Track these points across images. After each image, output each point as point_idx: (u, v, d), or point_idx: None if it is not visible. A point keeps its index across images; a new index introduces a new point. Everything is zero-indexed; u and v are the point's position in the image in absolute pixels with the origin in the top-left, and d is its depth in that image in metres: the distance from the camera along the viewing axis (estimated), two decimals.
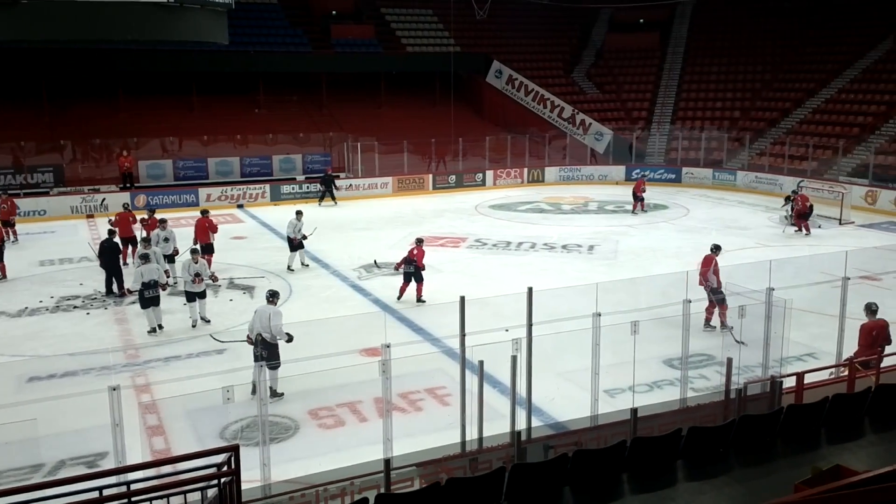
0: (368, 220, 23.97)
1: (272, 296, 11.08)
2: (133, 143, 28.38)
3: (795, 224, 21.35)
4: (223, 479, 5.69)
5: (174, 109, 31.32)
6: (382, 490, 6.03)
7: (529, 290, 8.19)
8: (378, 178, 29.56)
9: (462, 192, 29.82)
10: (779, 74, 34.79)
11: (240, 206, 26.86)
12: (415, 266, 14.73)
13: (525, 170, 32.03)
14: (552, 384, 9.85)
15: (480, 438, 7.43)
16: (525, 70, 36.82)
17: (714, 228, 22.16)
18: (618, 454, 5.86)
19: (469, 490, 5.47)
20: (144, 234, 16.79)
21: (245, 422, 9.19)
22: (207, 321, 13.64)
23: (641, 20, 39.13)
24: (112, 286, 15.48)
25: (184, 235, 18.28)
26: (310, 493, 6.17)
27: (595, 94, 37.04)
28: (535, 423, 8.68)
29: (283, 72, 34.15)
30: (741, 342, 10.14)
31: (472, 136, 32.22)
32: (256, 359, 10.36)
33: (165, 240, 16.26)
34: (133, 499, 5.33)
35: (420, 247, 15.05)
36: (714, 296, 12.53)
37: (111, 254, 15.64)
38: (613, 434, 6.92)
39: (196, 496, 5.62)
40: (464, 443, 7.44)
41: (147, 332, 13.24)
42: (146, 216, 18.25)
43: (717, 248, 13.66)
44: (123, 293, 15.19)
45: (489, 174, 31.35)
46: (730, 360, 8.18)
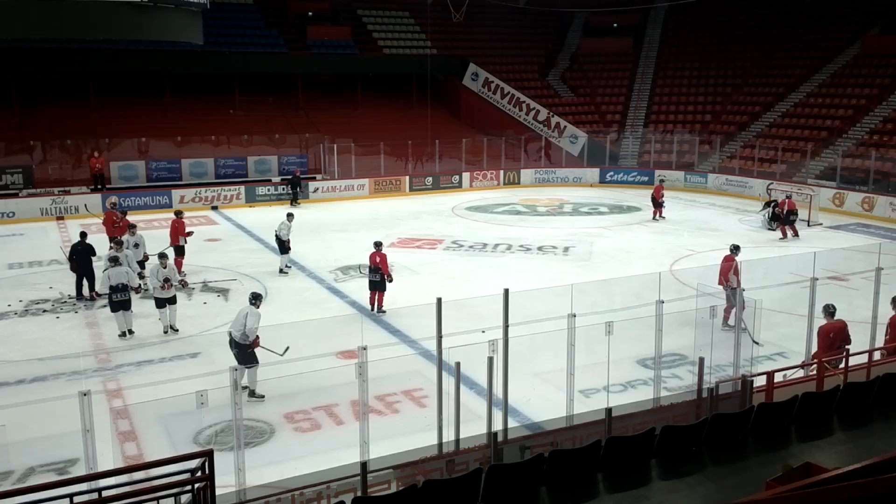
0: (345, 222, 23.90)
1: (255, 298, 10.99)
2: (105, 144, 28.02)
3: (782, 230, 21.18)
4: (197, 485, 5.65)
5: (147, 110, 30.95)
6: (359, 493, 6.03)
7: (506, 292, 8.23)
8: (355, 180, 29.50)
9: (439, 194, 29.86)
10: (749, 79, 35.30)
11: (214, 208, 26.64)
12: (381, 275, 14.08)
13: (501, 172, 32.16)
14: (528, 385, 9.90)
15: (457, 440, 7.45)
16: (501, 73, 36.98)
17: (686, 230, 22.42)
18: (593, 454, 5.90)
19: (446, 492, 5.48)
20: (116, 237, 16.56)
21: (219, 426, 9.11)
22: (176, 330, 13.23)
23: (615, 24, 39.50)
24: (83, 289, 15.27)
25: (157, 238, 18.11)
26: (285, 498, 6.14)
27: (570, 98, 37.29)
28: (512, 424, 8.72)
29: (259, 72, 33.96)
30: (757, 342, 10.39)
31: (449, 139, 32.29)
32: (236, 359, 10.31)
33: (136, 245, 15.81)
34: None
35: (380, 251, 14.23)
36: (733, 296, 12.59)
37: (84, 256, 15.41)
38: (588, 434, 6.97)
39: (169, 502, 5.57)
40: (440, 444, 7.46)
41: (118, 336, 13.08)
42: (116, 218, 18.01)
43: (737, 249, 13.60)
44: (93, 296, 15.00)
45: (466, 176, 31.42)
46: (702, 360, 8.29)
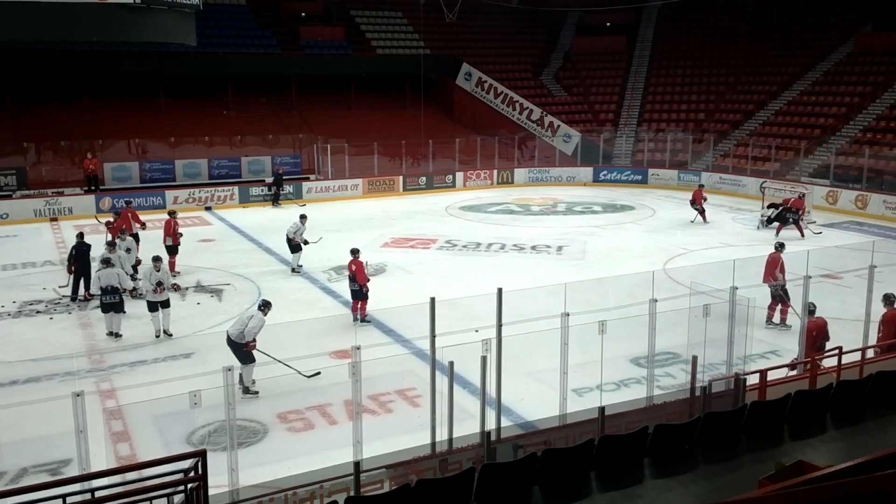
0: (339, 222, 23.87)
1: (265, 305, 11.05)
2: (98, 146, 27.94)
3: (778, 227, 21.15)
4: (190, 485, 5.62)
5: (141, 111, 30.92)
6: (352, 493, 6.02)
7: (499, 291, 8.23)
8: (348, 180, 29.49)
9: (432, 194, 29.86)
10: (742, 77, 35.38)
11: (207, 209, 26.60)
12: (358, 284, 13.56)
13: (495, 171, 32.17)
14: (521, 384, 9.91)
15: (450, 439, 7.45)
16: (494, 73, 36.99)
17: (680, 229, 22.47)
18: (586, 453, 5.91)
19: (439, 491, 5.48)
20: (109, 238, 16.50)
21: (213, 426, 9.09)
22: (170, 335, 13.08)
23: (608, 24, 39.54)
24: (79, 290, 15.22)
25: (151, 239, 18.09)
26: (278, 498, 6.13)
27: (563, 97, 37.32)
28: (505, 423, 8.72)
29: (252, 73, 33.92)
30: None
31: (443, 138, 32.28)
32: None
33: (127, 250, 15.61)
34: None
35: (356, 259, 13.74)
36: (780, 294, 12.61)
37: (85, 256, 15.31)
38: (581, 433, 6.98)
39: (162, 503, 5.55)
40: (434, 444, 7.45)
41: (105, 334, 13.04)
42: (111, 219, 17.98)
43: (782, 246, 13.60)
44: (87, 297, 14.96)
45: (459, 176, 31.43)
46: (695, 359, 8.30)
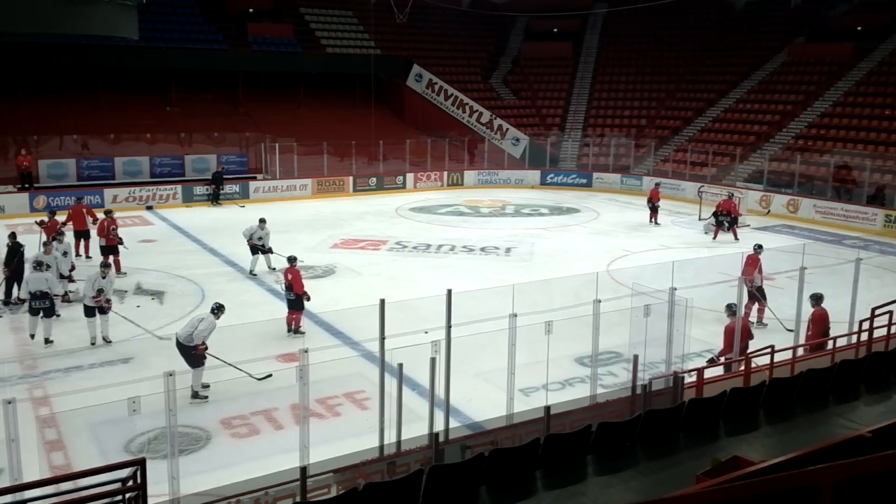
0: (287, 223, 23.59)
1: (218, 308, 10.89)
2: (33, 142, 27.01)
3: (715, 232, 21.70)
4: (128, 495, 5.51)
5: (79, 106, 29.96)
6: (298, 499, 5.97)
7: (448, 293, 8.29)
8: (297, 180, 29.17)
9: (383, 195, 29.78)
10: (682, 85, 36.31)
11: (149, 208, 25.98)
12: (295, 294, 13.04)
13: (445, 173, 32.28)
14: (470, 385, 9.98)
15: (399, 442, 7.46)
16: (444, 75, 37.11)
17: (622, 231, 22.94)
18: (532, 452, 5.99)
19: (386, 494, 5.49)
20: (45, 239, 15.93)
21: (152, 434, 8.90)
22: (109, 342, 12.58)
23: (555, 29, 40.07)
24: (13, 292, 14.69)
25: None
26: None
27: (511, 100, 37.68)
28: (453, 425, 8.79)
29: (197, 69, 33.14)
30: (790, 329, 11.02)
31: (393, 139, 32.23)
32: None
33: (64, 253, 14.95)
34: None
35: (293, 268, 13.24)
36: (756, 293, 12.91)
37: (19, 259, 14.73)
38: (528, 432, 7.08)
39: None
40: (382, 447, 7.46)
41: (30, 338, 12.59)
42: (45, 218, 17.41)
43: (760, 248, 13.85)
44: (18, 301, 14.35)
45: (410, 177, 31.43)
46: (636, 357, 8.51)
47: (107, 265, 13.07)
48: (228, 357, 10.65)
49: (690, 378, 8.58)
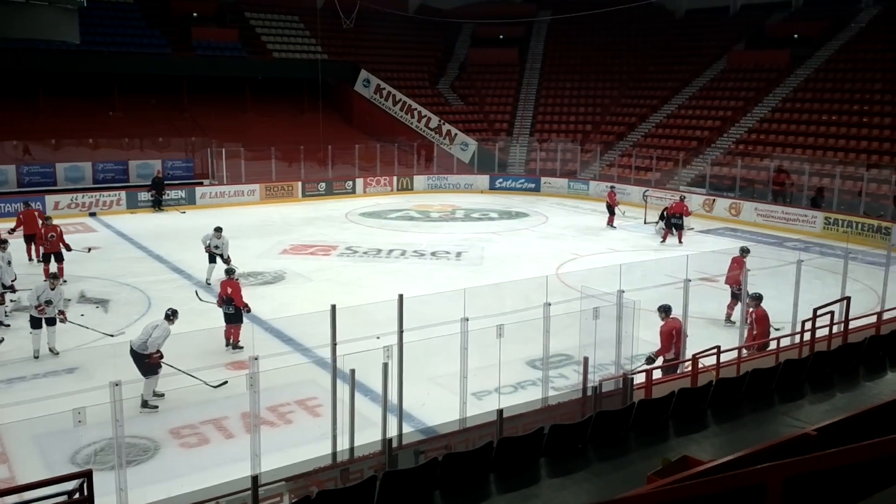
0: (234, 228, 23.13)
1: (172, 314, 10.68)
2: None
3: (664, 234, 22.09)
4: None
5: (18, 111, 29.06)
6: None
7: (400, 297, 8.27)
8: (245, 185, 28.75)
9: (332, 200, 29.58)
10: (626, 91, 37.06)
11: (92, 215, 25.29)
12: (234, 307, 12.50)
13: (394, 178, 32.24)
14: (423, 390, 9.97)
15: (352, 448, 7.41)
16: (392, 80, 37.09)
17: (571, 235, 23.25)
18: (485, 455, 6.01)
19: (340, 501, 5.45)
20: None
21: (99, 445, 8.67)
22: (56, 353, 12.08)
23: (501, 36, 40.46)
24: None
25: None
26: None
27: (459, 106, 37.89)
28: (407, 430, 8.75)
29: (141, 73, 32.51)
30: (778, 328, 11.26)
31: (342, 144, 32.04)
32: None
33: (9, 263, 14.23)
34: None
35: (232, 280, 12.78)
36: (739, 295, 12.97)
37: None
38: (481, 436, 7.11)
39: None
40: (335, 454, 7.40)
41: None
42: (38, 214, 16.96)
43: (746, 251, 13.94)
44: None
45: (359, 182, 31.29)
46: (586, 360, 8.61)
47: (55, 276, 12.56)
48: (177, 365, 10.42)
49: (639, 379, 8.73)
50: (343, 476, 6.67)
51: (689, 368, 9.30)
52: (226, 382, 10.38)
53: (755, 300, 11.26)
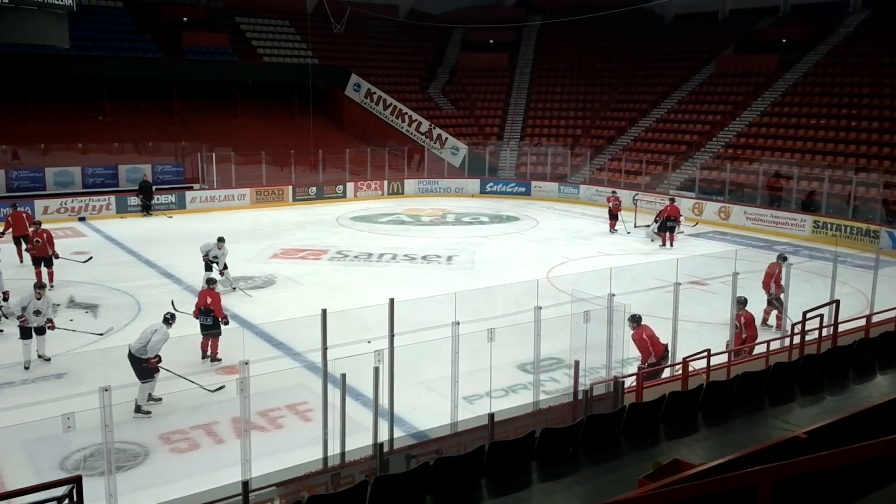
0: (225, 233, 22.95)
1: (171, 318, 10.78)
2: None
3: (662, 237, 22.10)
4: None
5: (7, 116, 28.85)
6: None
7: (391, 301, 8.27)
8: (235, 190, 28.68)
9: (323, 204, 29.55)
10: (615, 95, 37.20)
11: (81, 219, 25.16)
12: (213, 317, 12.11)
13: (385, 182, 32.23)
14: (414, 394, 9.96)
15: (343, 453, 7.39)
16: (383, 84, 37.11)
17: (561, 239, 23.30)
18: (476, 459, 6.01)
19: None
20: None
21: (88, 450, 8.61)
22: (47, 359, 11.96)
23: (491, 41, 40.53)
24: None
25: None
26: None
27: (450, 110, 37.94)
28: (398, 434, 8.74)
29: (131, 78, 32.37)
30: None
31: (332, 148, 32.02)
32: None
33: None
34: None
35: (212, 289, 12.46)
36: (775, 301, 12.94)
37: None
38: (472, 440, 7.11)
39: None
40: (326, 458, 7.38)
41: None
42: (26, 216, 16.84)
43: (784, 258, 13.75)
44: None
45: (350, 186, 31.27)
46: (577, 363, 8.62)
47: (41, 285, 12.41)
48: (165, 370, 10.38)
49: (630, 382, 8.74)
50: (334, 481, 6.65)
51: (680, 372, 9.32)
52: (223, 387, 10.34)
53: (741, 304, 11.30)
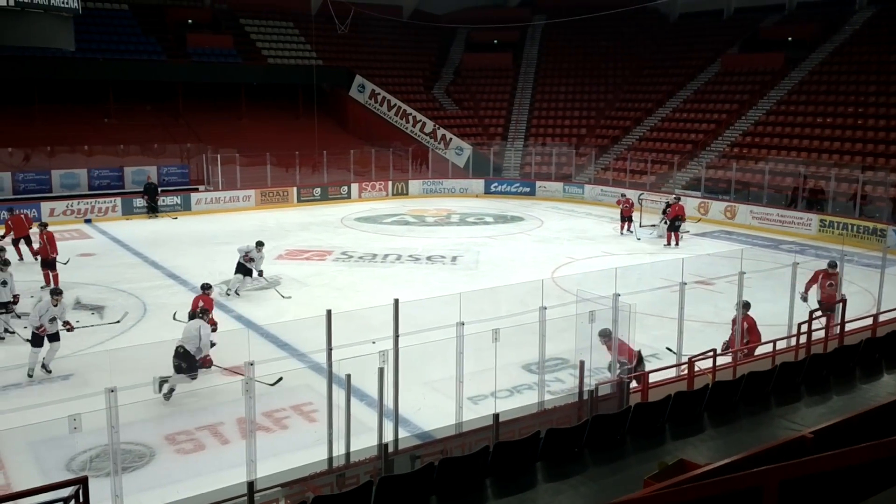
0: (230, 234, 23.21)
1: (203, 312, 11.18)
2: None
3: (668, 237, 22.07)
4: None
5: (14, 119, 28.97)
6: None
7: (396, 302, 8.28)
8: (240, 191, 28.74)
9: (327, 205, 29.58)
10: (620, 94, 37.13)
11: (87, 221, 25.25)
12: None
13: (390, 183, 32.24)
14: (418, 394, 9.96)
15: (348, 453, 7.39)
16: (387, 85, 37.13)
17: (566, 239, 23.27)
18: (481, 460, 6.00)
19: None
20: None
21: (94, 451, 8.64)
22: (49, 372, 11.64)
23: (495, 41, 40.52)
24: None
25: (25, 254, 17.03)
26: None
27: (454, 111, 37.93)
28: (403, 434, 8.74)
29: (136, 80, 32.50)
30: None
31: (337, 149, 32.05)
32: (176, 370, 10.52)
33: (3, 283, 13.53)
34: None
35: (206, 296, 12.35)
36: (824, 310, 12.29)
37: None
38: (477, 440, 7.09)
39: None
40: (331, 459, 7.37)
41: None
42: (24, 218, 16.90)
43: (834, 265, 13.17)
44: None
45: (354, 187, 31.29)
46: (582, 363, 8.60)
47: (59, 291, 12.28)
48: (171, 372, 10.41)
49: (636, 382, 8.72)
50: (339, 481, 6.65)
51: (686, 372, 9.29)
52: (281, 379, 10.22)
53: (744, 308, 11.19)
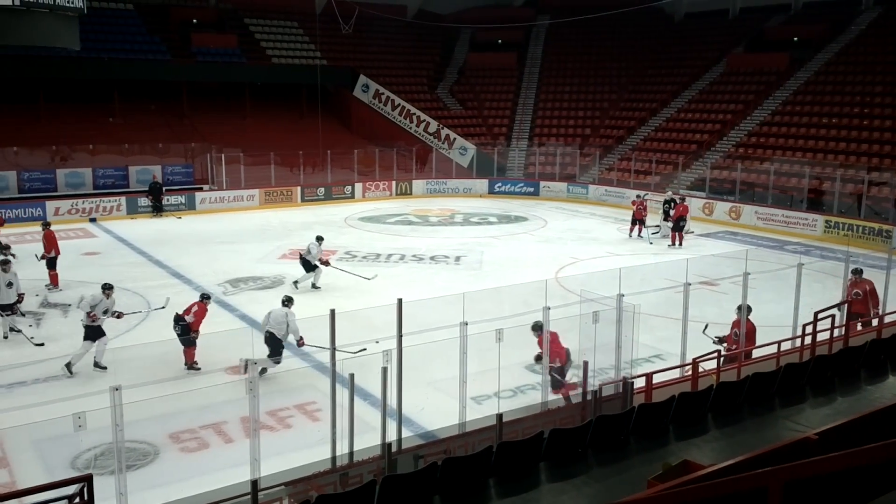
0: (234, 233, 23.27)
1: (288, 301, 11.89)
2: None
3: (672, 237, 22.05)
4: None
5: (19, 118, 29.09)
6: None
7: (399, 302, 8.28)
8: (244, 191, 28.79)
9: (331, 205, 29.61)
10: (624, 94, 37.08)
11: (92, 220, 25.31)
12: (182, 325, 11.70)
13: (393, 182, 32.25)
14: (422, 394, 9.97)
15: (351, 453, 7.40)
16: (391, 85, 37.15)
17: (570, 239, 23.24)
18: (484, 460, 6.00)
19: None
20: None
21: (99, 449, 8.67)
22: (104, 368, 11.53)
23: (500, 41, 40.50)
24: None
25: (31, 251, 17.09)
26: None
27: (458, 111, 37.92)
28: (406, 434, 8.76)
29: (141, 80, 32.58)
30: None
31: (341, 149, 32.08)
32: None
33: (9, 284, 13.14)
34: None
35: (202, 303, 12.13)
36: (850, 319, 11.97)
37: None
38: (480, 440, 7.09)
39: None
40: (334, 458, 7.38)
41: None
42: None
43: (859, 272, 13.01)
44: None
45: (358, 187, 31.31)
46: (586, 363, 8.60)
47: (109, 286, 12.27)
48: (175, 370, 10.43)
49: (640, 383, 8.71)
50: (342, 480, 6.66)
51: (690, 372, 9.27)
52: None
53: (746, 312, 11.11)
